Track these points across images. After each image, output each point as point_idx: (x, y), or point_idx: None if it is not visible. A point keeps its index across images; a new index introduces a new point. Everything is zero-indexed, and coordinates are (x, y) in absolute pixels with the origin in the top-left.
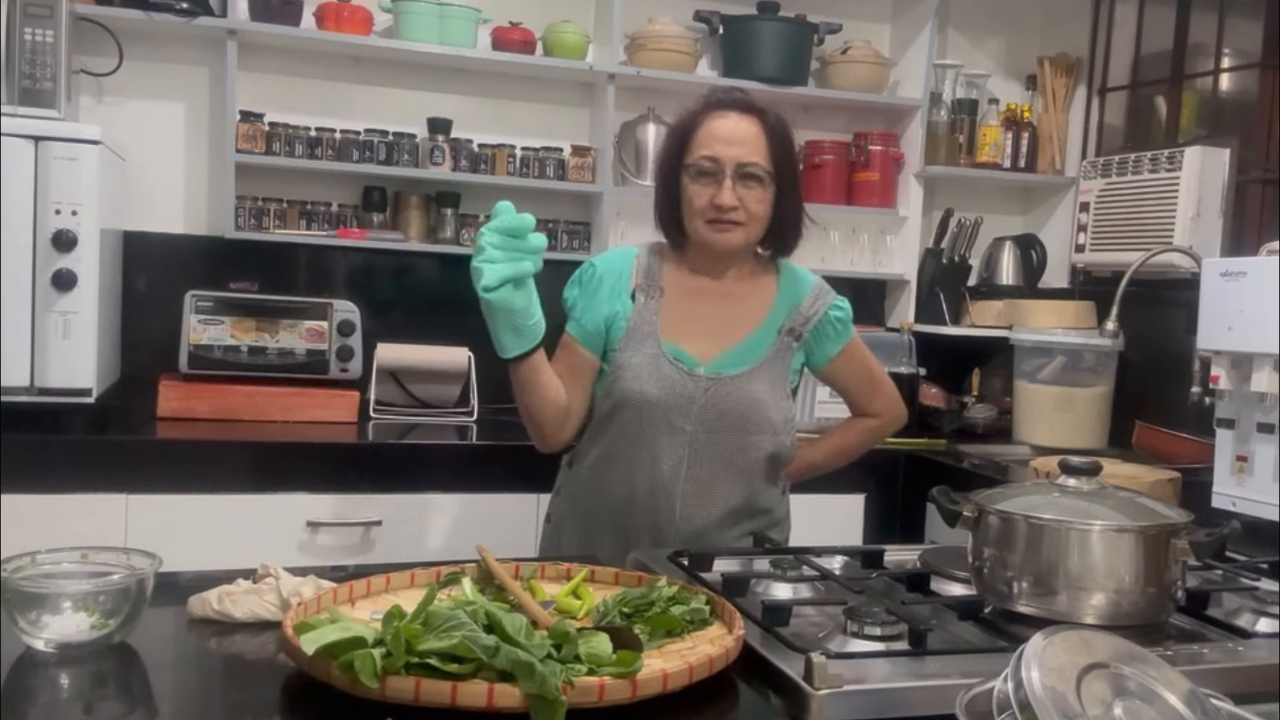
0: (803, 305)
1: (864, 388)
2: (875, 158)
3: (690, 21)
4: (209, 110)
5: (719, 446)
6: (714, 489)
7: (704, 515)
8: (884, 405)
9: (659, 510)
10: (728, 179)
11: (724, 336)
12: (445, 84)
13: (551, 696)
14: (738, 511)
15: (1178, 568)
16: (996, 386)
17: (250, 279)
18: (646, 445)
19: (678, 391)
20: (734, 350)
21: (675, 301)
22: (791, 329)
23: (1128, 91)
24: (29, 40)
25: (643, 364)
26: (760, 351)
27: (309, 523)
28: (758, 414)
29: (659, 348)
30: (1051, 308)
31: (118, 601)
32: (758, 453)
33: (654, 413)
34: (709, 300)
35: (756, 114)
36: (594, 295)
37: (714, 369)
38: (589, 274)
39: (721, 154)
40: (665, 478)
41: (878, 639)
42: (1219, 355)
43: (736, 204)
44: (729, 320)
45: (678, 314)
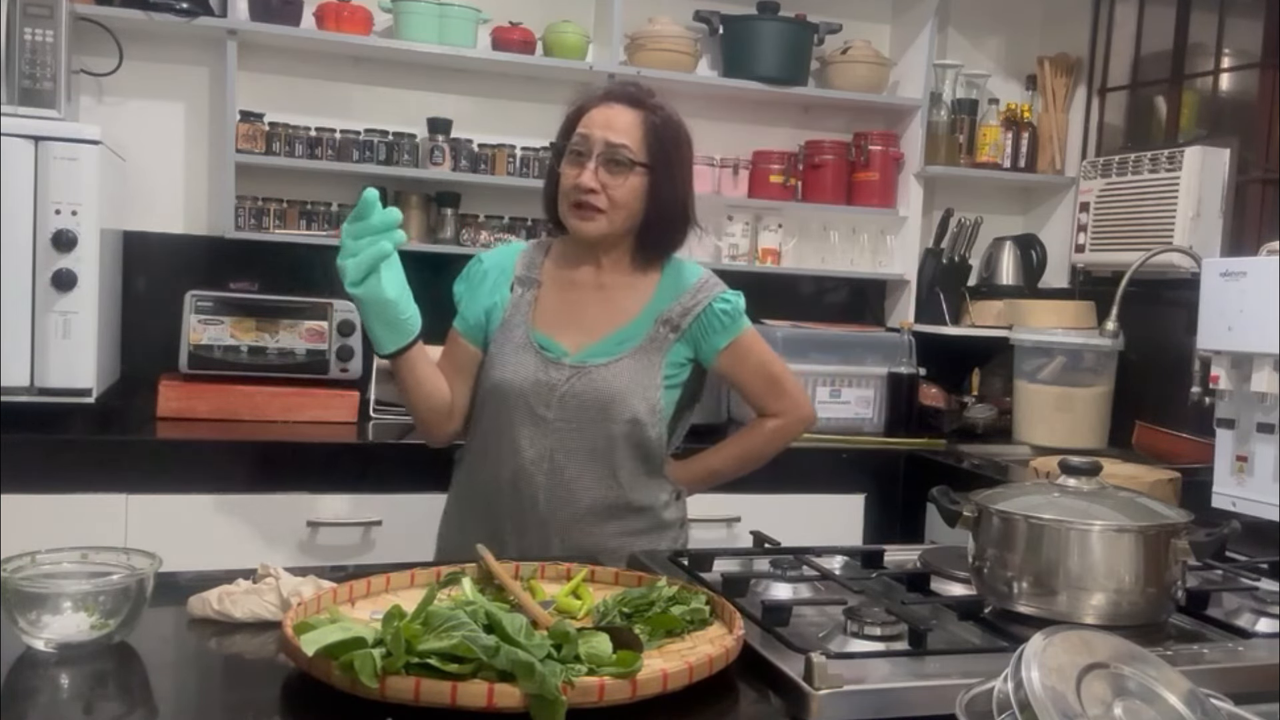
0: (683, 297)
1: (761, 387)
2: (875, 158)
3: (690, 21)
4: (209, 110)
5: (581, 436)
6: (578, 479)
7: (569, 507)
8: (785, 405)
9: (523, 501)
10: (592, 160)
11: (596, 328)
12: (445, 84)
13: (551, 696)
14: (608, 506)
15: (1178, 568)
16: (996, 386)
17: (250, 279)
18: (509, 435)
19: (540, 379)
20: (604, 341)
21: (551, 293)
22: (668, 320)
23: (1128, 91)
24: (29, 40)
25: (509, 354)
26: (632, 342)
27: (309, 523)
28: (620, 403)
29: (528, 338)
30: (1051, 308)
31: (118, 601)
32: (620, 442)
33: (516, 401)
34: (584, 292)
35: (641, 106)
36: (478, 289)
37: (580, 359)
38: (476, 269)
39: (593, 135)
40: (528, 467)
41: (878, 639)
42: (1219, 355)
43: (597, 187)
44: (603, 312)
45: (552, 305)
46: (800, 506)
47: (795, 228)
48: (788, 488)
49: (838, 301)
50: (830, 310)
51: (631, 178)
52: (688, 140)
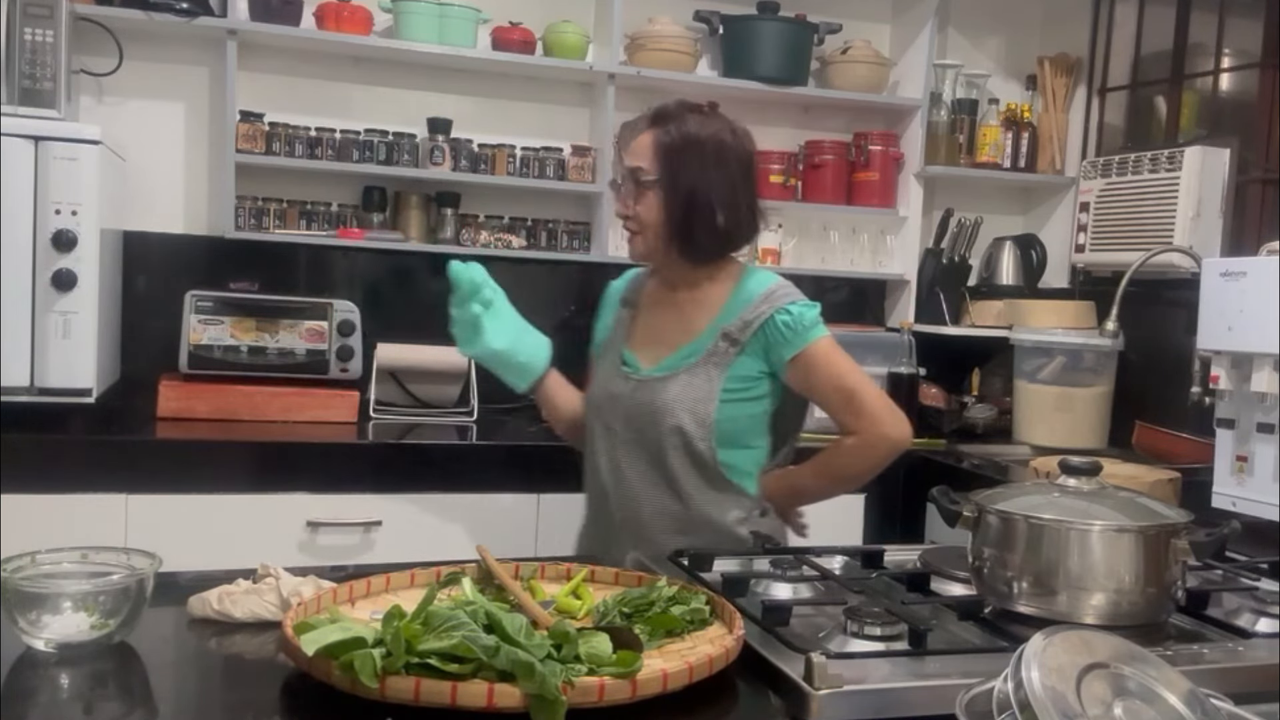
0: (745, 310)
1: (835, 401)
2: (875, 158)
3: (690, 21)
4: (209, 110)
5: (642, 446)
6: (639, 487)
7: (635, 514)
8: (862, 423)
9: (602, 506)
10: (623, 187)
11: (670, 343)
12: (445, 84)
13: (551, 696)
14: (671, 516)
15: (1178, 568)
16: (996, 386)
17: (250, 279)
18: (592, 445)
19: (610, 393)
20: (673, 355)
21: (642, 313)
22: (728, 333)
23: (1128, 91)
24: (29, 40)
25: (601, 370)
26: (694, 357)
27: (309, 523)
28: (667, 414)
29: (617, 355)
30: (1051, 308)
31: (118, 601)
32: (672, 453)
33: (596, 414)
34: (664, 310)
35: (658, 124)
36: (603, 314)
37: (647, 373)
38: (603, 296)
39: (620, 164)
40: (603, 476)
41: (878, 639)
42: (1219, 355)
43: (629, 213)
44: (677, 327)
45: (641, 325)
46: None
47: (795, 228)
48: None
49: (838, 301)
50: (830, 310)
51: (649, 195)
52: (714, 147)
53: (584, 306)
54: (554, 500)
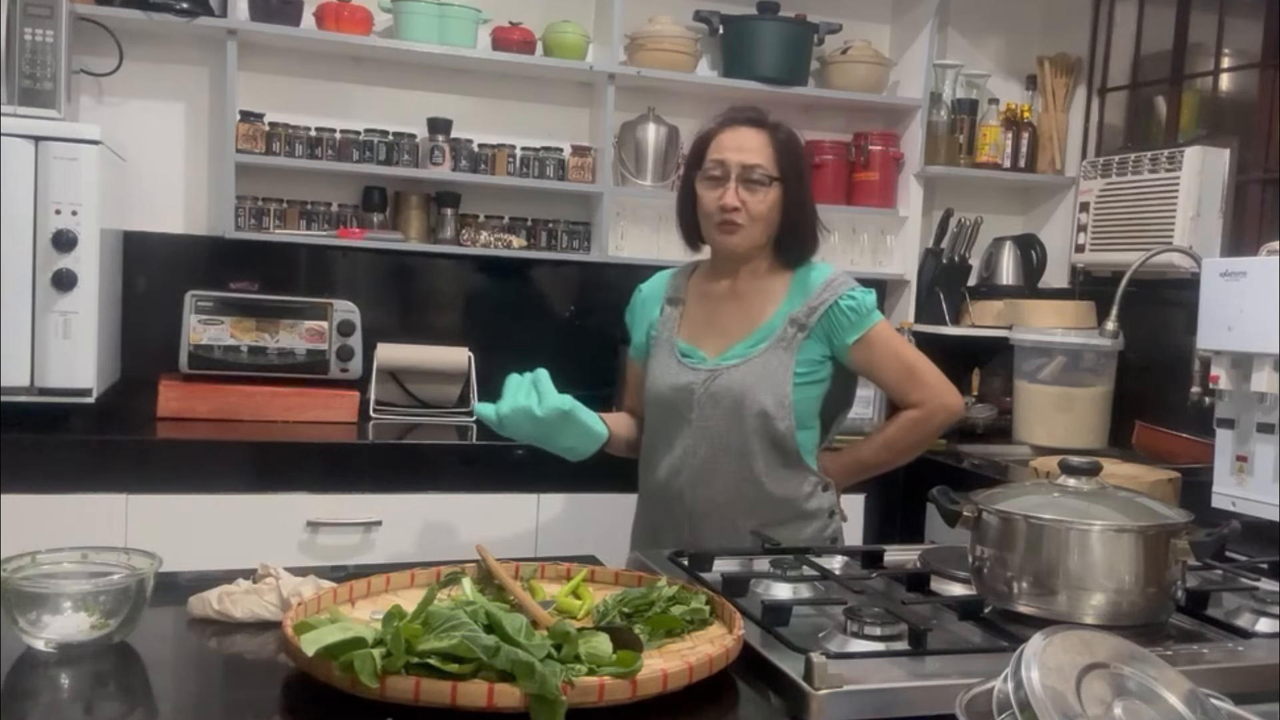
0: (811, 297)
1: (897, 378)
2: (875, 158)
3: (690, 21)
4: (209, 110)
5: (718, 433)
6: (715, 472)
7: (710, 497)
8: (924, 395)
9: (673, 494)
10: (732, 181)
11: (735, 332)
12: (445, 84)
13: (551, 696)
14: (747, 498)
15: (1178, 568)
16: (996, 386)
17: (250, 279)
18: (663, 437)
19: (684, 384)
20: (741, 343)
21: (695, 307)
22: (796, 319)
23: (1128, 91)
24: (29, 40)
25: (660, 366)
26: (764, 343)
27: (309, 523)
28: (750, 398)
29: (674, 348)
30: (1051, 308)
31: (118, 601)
32: (752, 436)
33: (665, 405)
34: (724, 301)
35: (765, 126)
36: (639, 315)
37: (718, 362)
38: (637, 297)
39: (728, 159)
40: (676, 464)
41: (878, 639)
42: (1219, 355)
43: (739, 205)
44: (741, 317)
45: (696, 317)
46: None
47: None
48: None
49: None
50: None
51: (769, 193)
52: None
53: (584, 306)
54: (554, 500)
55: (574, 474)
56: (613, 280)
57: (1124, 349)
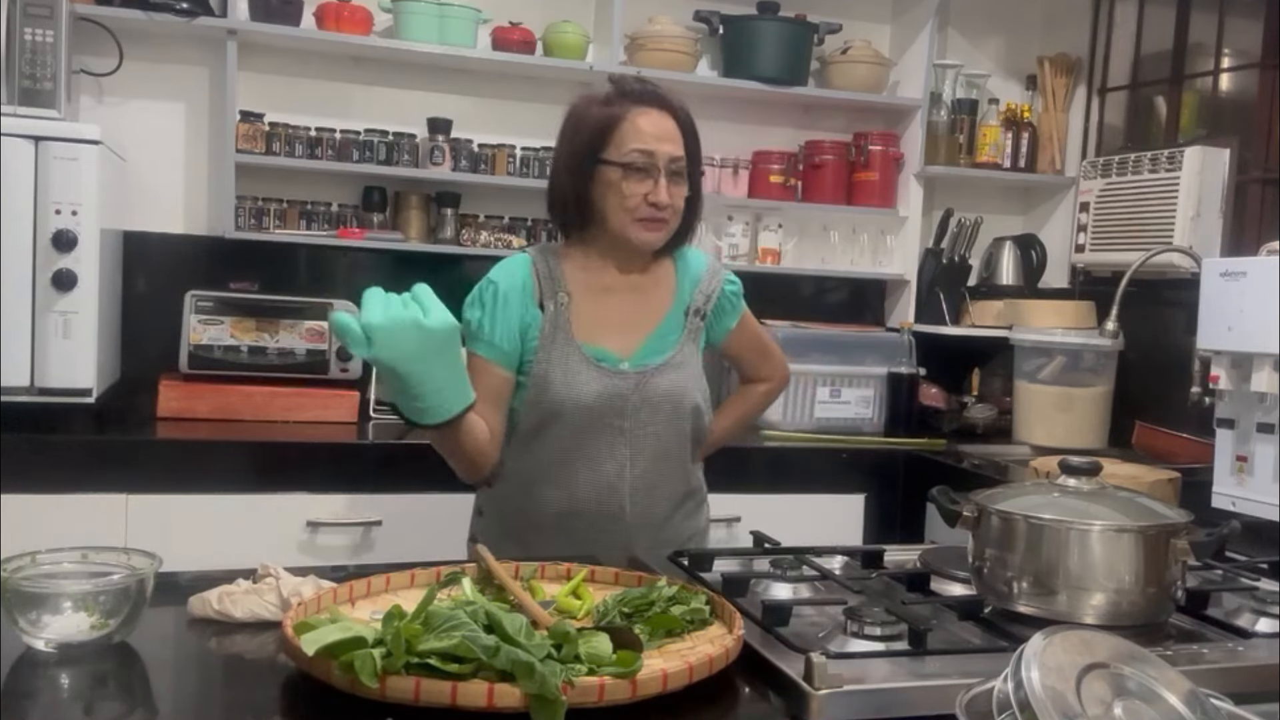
0: (701, 285)
1: (758, 356)
2: (875, 158)
3: (690, 21)
4: (209, 110)
5: (656, 439)
6: (660, 481)
7: (653, 509)
8: (772, 370)
9: (607, 513)
10: (663, 176)
11: (639, 328)
12: (445, 84)
13: (551, 696)
14: (680, 496)
15: (1178, 568)
16: (996, 386)
17: (250, 279)
18: (585, 451)
19: (609, 392)
20: (651, 339)
21: (584, 302)
22: (697, 309)
23: (1128, 91)
24: (29, 40)
25: (568, 371)
26: (675, 336)
27: (309, 523)
28: (686, 398)
29: (579, 351)
30: (1051, 308)
31: (118, 601)
32: (688, 435)
33: (589, 417)
34: (618, 295)
35: (672, 109)
36: (502, 311)
37: (637, 362)
38: (491, 291)
39: (655, 149)
40: (610, 479)
41: (878, 639)
42: (1219, 355)
43: (670, 200)
44: (641, 312)
45: (590, 314)
46: (800, 506)
47: (795, 228)
48: (788, 488)
49: (838, 301)
50: (830, 310)
51: (682, 184)
52: None
53: None
54: None
55: None
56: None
57: (1124, 349)
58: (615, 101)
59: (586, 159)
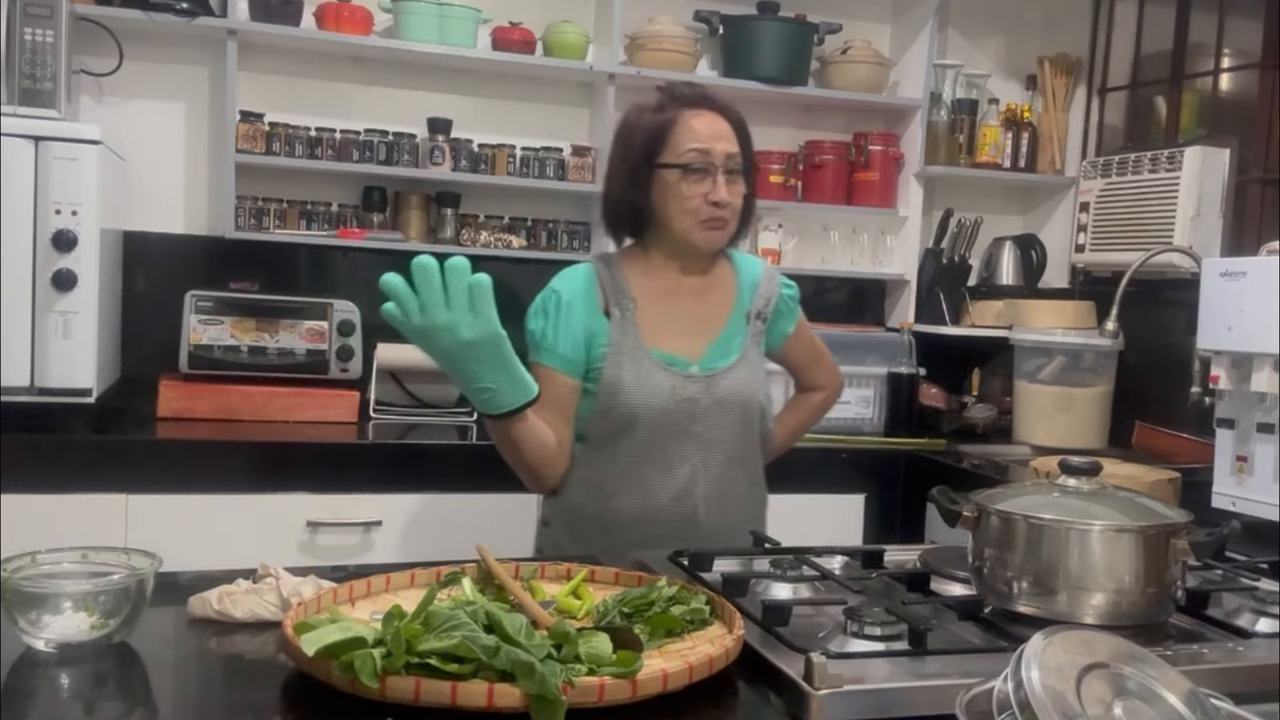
0: (760, 288)
1: (812, 363)
2: (875, 158)
3: (690, 21)
4: (209, 110)
5: (728, 441)
6: (732, 483)
7: (727, 511)
8: (827, 378)
9: (682, 519)
10: (720, 175)
11: (704, 332)
12: (445, 84)
13: (551, 696)
14: (752, 500)
15: (1178, 568)
16: (996, 386)
17: (250, 279)
18: (659, 457)
19: (681, 394)
20: (717, 343)
21: (649, 307)
22: (758, 312)
23: (1128, 91)
24: (29, 40)
25: (639, 376)
26: (739, 339)
27: (309, 523)
28: (754, 401)
29: (648, 357)
30: (1051, 308)
31: (118, 601)
32: (755, 438)
33: (664, 421)
34: (681, 299)
35: (724, 109)
36: (566, 320)
37: (705, 365)
38: (554, 300)
39: (712, 148)
40: (684, 484)
41: (878, 639)
42: (1219, 355)
43: (729, 200)
44: (704, 315)
45: (655, 319)
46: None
47: (795, 228)
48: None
49: (838, 301)
50: (830, 310)
51: (738, 183)
52: None
53: None
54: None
55: None
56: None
57: (1124, 349)
58: (667, 106)
59: (643, 165)
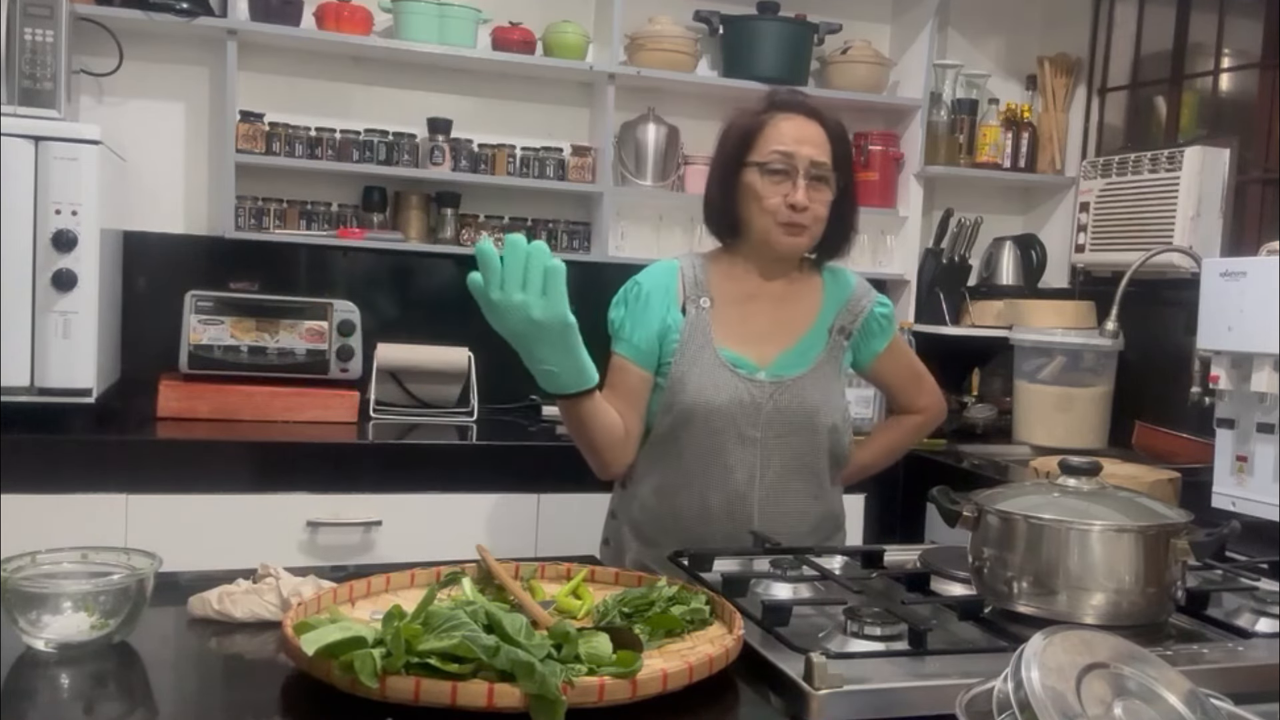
0: (849, 304)
1: (908, 384)
2: (875, 158)
3: (690, 21)
4: (209, 110)
5: (788, 451)
6: (788, 495)
7: (782, 523)
8: (927, 401)
9: (737, 523)
10: (801, 178)
11: (780, 339)
12: (445, 84)
13: (551, 696)
14: (816, 516)
15: (1178, 568)
16: (996, 386)
17: (250, 279)
18: (718, 457)
19: (743, 399)
20: (791, 352)
21: (727, 308)
22: (842, 328)
23: (1128, 91)
24: (29, 40)
25: (703, 374)
26: (816, 351)
27: (309, 523)
28: (822, 415)
29: (716, 356)
30: (1051, 308)
31: (118, 601)
32: (823, 454)
33: (722, 422)
34: (760, 304)
35: (819, 117)
36: (644, 312)
37: (774, 373)
38: (634, 292)
39: (795, 151)
40: (741, 488)
41: (878, 639)
42: (1219, 355)
43: (809, 204)
44: (783, 323)
45: (731, 320)
46: None
47: None
48: None
49: None
50: None
51: (824, 190)
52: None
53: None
54: (554, 500)
55: (575, 474)
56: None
57: (1124, 349)
58: (763, 109)
59: (732, 165)
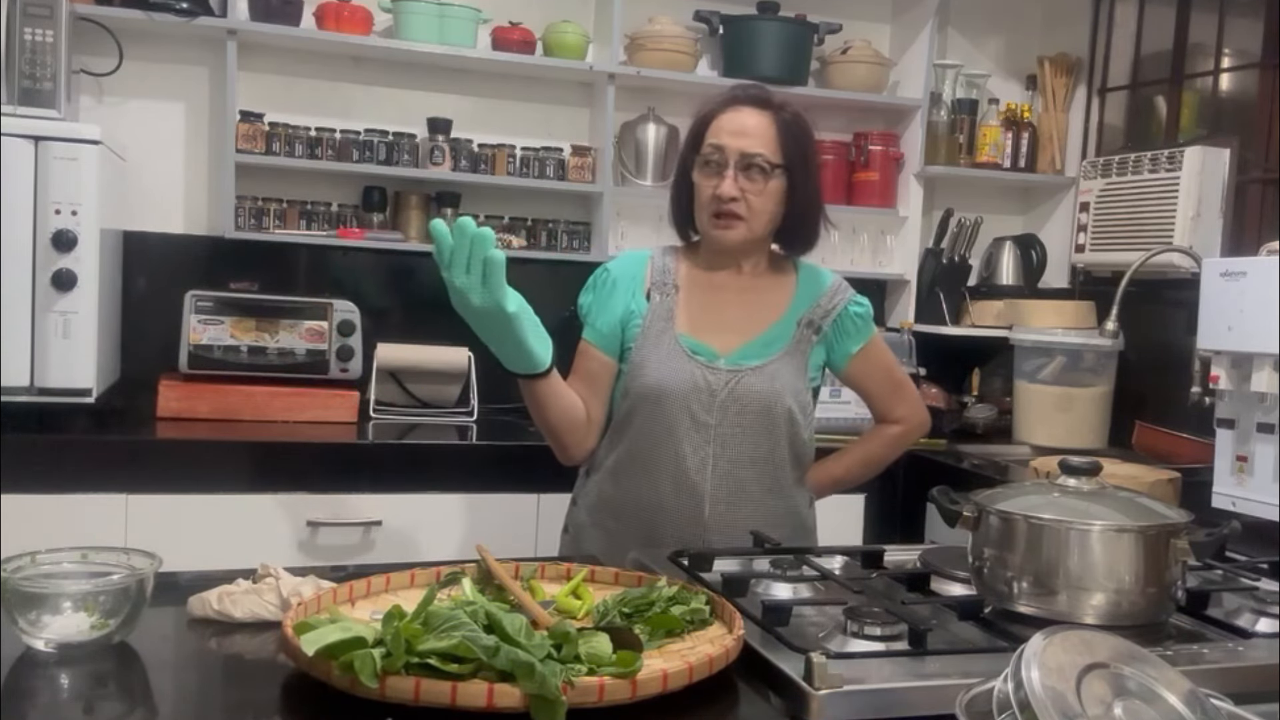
0: (822, 300)
1: (886, 391)
2: (875, 158)
3: (690, 21)
4: (209, 110)
5: (744, 441)
6: (743, 488)
7: (734, 516)
8: (906, 411)
9: (686, 512)
10: (730, 169)
11: (744, 329)
12: (445, 84)
13: (551, 696)
14: (768, 511)
15: (1178, 568)
16: (996, 386)
17: (250, 279)
18: (670, 443)
19: (698, 383)
20: (755, 343)
21: (692, 296)
22: (810, 321)
23: (1128, 91)
24: (29, 40)
25: (661, 359)
26: (781, 344)
27: (309, 523)
28: (780, 405)
29: (676, 342)
30: (1051, 308)
31: (118, 601)
32: (782, 445)
33: (675, 407)
34: (728, 295)
35: (770, 108)
36: (609, 298)
37: (734, 361)
38: (603, 278)
39: (726, 144)
40: (692, 476)
41: (878, 639)
42: (1219, 355)
43: (737, 195)
44: (749, 314)
45: (695, 309)
46: None
47: None
48: None
49: None
50: None
51: (771, 182)
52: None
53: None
54: (554, 500)
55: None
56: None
57: (1124, 349)
58: (716, 105)
59: (684, 161)
